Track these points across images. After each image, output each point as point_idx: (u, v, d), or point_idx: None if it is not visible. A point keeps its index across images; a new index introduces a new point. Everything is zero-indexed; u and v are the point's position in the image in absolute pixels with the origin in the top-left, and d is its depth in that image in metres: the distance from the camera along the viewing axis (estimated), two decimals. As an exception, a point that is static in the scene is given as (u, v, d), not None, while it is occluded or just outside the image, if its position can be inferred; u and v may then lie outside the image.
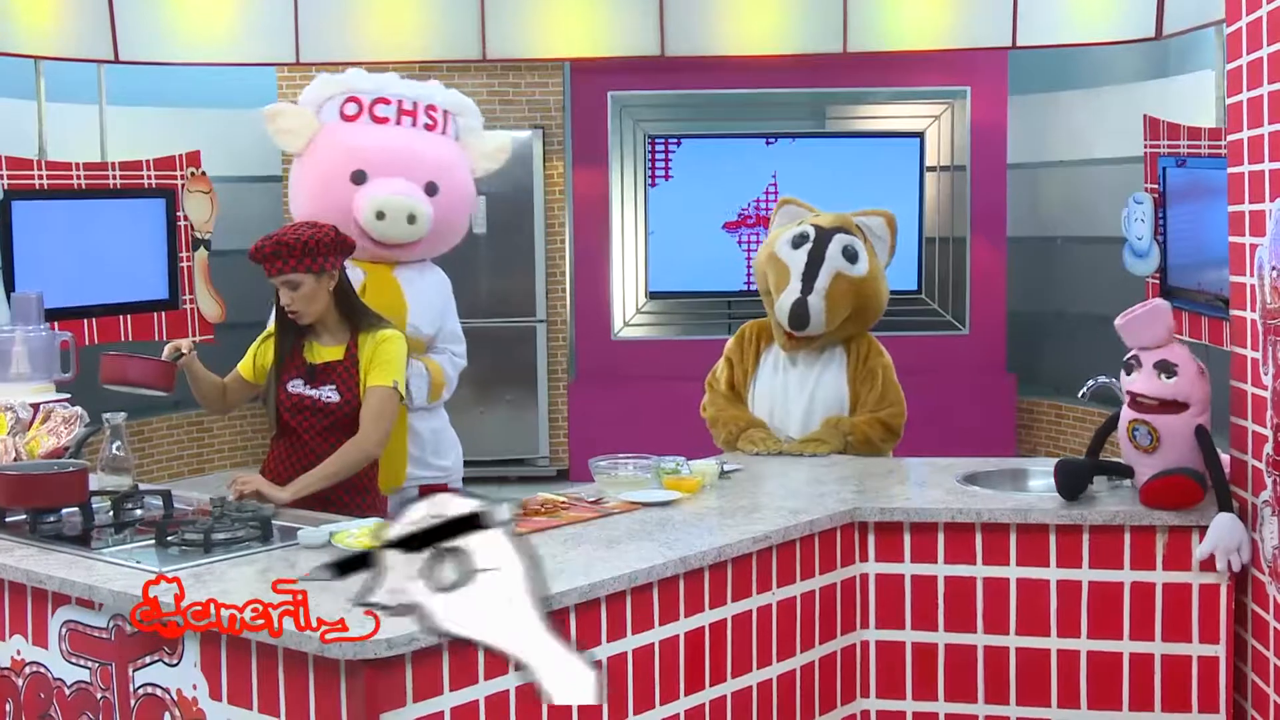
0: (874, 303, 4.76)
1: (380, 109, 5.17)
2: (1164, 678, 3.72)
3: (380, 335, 4.15)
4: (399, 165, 5.11)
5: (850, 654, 3.82)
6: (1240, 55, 3.65)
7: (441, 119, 5.29)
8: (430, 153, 5.23)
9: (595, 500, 3.87)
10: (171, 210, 8.40)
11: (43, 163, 7.75)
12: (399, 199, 5.04)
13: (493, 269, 9.22)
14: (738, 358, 4.81)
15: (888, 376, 4.73)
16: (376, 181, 5.08)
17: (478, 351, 9.12)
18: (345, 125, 5.18)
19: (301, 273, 4.04)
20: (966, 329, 9.40)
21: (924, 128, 9.34)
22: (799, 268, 4.65)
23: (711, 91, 9.29)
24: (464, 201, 5.41)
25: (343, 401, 4.06)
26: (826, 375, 4.70)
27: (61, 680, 3.28)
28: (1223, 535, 3.61)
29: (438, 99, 5.30)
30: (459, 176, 5.33)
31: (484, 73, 9.13)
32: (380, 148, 5.15)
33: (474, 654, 2.86)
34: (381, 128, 5.18)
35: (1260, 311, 3.54)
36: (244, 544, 3.41)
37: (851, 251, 4.70)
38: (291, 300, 4.06)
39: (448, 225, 5.30)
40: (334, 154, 5.17)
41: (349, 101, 5.18)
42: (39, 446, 3.92)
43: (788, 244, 4.74)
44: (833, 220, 4.80)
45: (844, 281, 4.64)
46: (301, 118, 5.21)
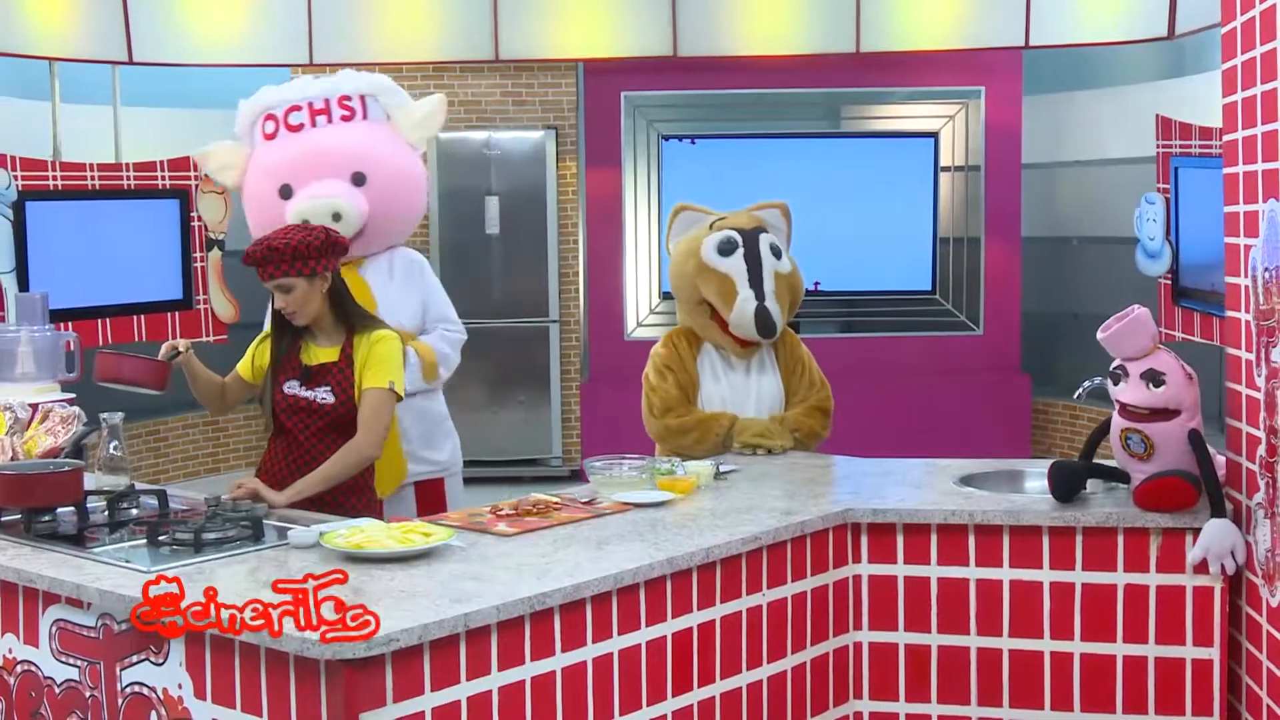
0: (800, 294, 4.91)
1: (293, 117, 5.14)
2: (1158, 680, 3.70)
3: (375, 336, 4.15)
4: (318, 168, 5.05)
5: (843, 655, 3.81)
6: (1235, 55, 3.63)
7: (359, 105, 5.20)
8: (346, 145, 5.13)
9: (589, 501, 3.87)
10: (185, 211, 8.44)
11: (57, 164, 7.80)
12: (317, 202, 4.97)
13: (506, 269, 9.25)
14: (678, 365, 4.77)
15: (811, 363, 4.88)
16: (301, 190, 5.04)
17: (491, 351, 9.25)
18: (266, 145, 5.17)
19: (294, 276, 4.05)
20: (980, 329, 9.38)
21: (938, 128, 9.33)
22: (742, 275, 4.67)
23: (725, 92, 9.29)
24: (403, 183, 5.25)
25: (338, 403, 4.08)
26: (762, 373, 4.79)
27: (52, 679, 3.30)
28: (1214, 540, 3.59)
29: (347, 87, 5.19)
30: (389, 158, 5.20)
31: (497, 73, 9.16)
32: (295, 156, 5.11)
33: (456, 654, 2.87)
34: (297, 136, 5.12)
35: (1254, 313, 3.52)
36: (235, 544, 3.42)
37: (776, 249, 4.82)
38: (286, 304, 4.07)
39: (389, 208, 5.16)
40: (259, 177, 5.17)
41: (266, 119, 5.18)
42: (36, 446, 3.95)
43: (715, 252, 4.74)
44: (748, 221, 4.86)
45: (781, 280, 4.77)
46: (230, 152, 5.24)
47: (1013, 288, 9.35)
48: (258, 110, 5.20)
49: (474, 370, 9.17)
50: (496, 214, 9.18)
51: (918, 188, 9.38)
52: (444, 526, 3.44)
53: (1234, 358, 3.71)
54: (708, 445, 4.64)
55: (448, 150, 9.15)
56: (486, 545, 3.41)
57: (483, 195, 9.16)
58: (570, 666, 3.10)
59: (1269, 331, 3.41)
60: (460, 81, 9.16)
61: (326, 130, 5.13)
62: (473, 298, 9.20)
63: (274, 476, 4.07)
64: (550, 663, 3.06)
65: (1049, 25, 8.32)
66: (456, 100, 9.22)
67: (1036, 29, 8.31)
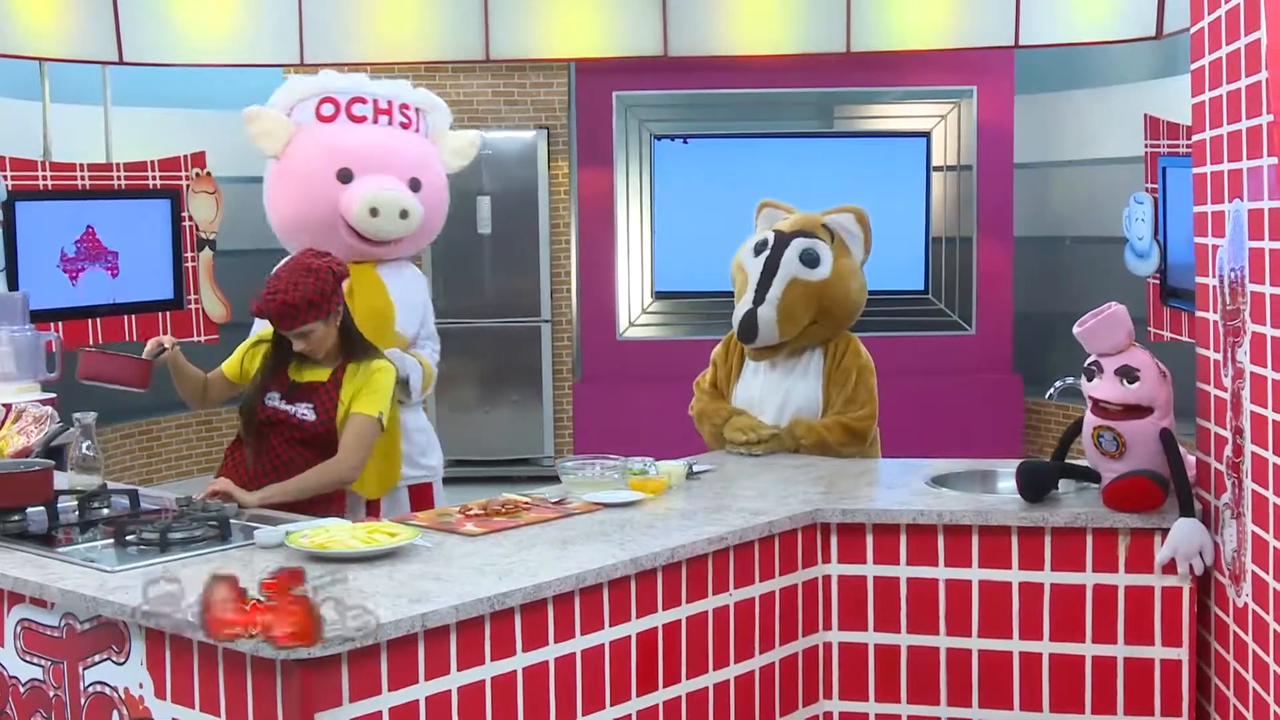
0: (843, 303, 4.68)
1: (357, 108, 5.20)
2: (1126, 681, 3.70)
3: (373, 365, 4.19)
4: (384, 162, 5.14)
5: (812, 655, 3.81)
6: (1203, 55, 3.63)
7: (415, 117, 5.33)
8: (411, 150, 5.27)
9: (559, 501, 3.88)
10: (176, 211, 8.45)
11: (47, 164, 7.81)
12: (392, 194, 5.08)
13: (497, 269, 9.25)
14: (722, 359, 4.81)
15: (861, 379, 4.65)
16: (365, 179, 5.10)
17: (483, 351, 9.26)
18: (323, 126, 5.20)
19: (312, 322, 4.08)
20: (973, 329, 9.37)
21: (930, 127, 9.32)
22: (755, 277, 4.64)
23: (717, 91, 9.29)
24: (442, 198, 5.46)
25: (317, 421, 4.10)
26: (803, 378, 4.68)
27: (17, 678, 3.31)
28: (1182, 540, 3.59)
29: (409, 97, 5.34)
30: (436, 173, 5.38)
31: (489, 73, 9.17)
32: (364, 145, 5.18)
33: (414, 654, 2.88)
34: (360, 126, 5.20)
35: (1220, 313, 3.52)
36: (201, 543, 3.43)
37: (811, 255, 4.64)
38: (305, 346, 4.12)
39: (430, 221, 5.36)
40: (317, 154, 5.19)
41: (325, 102, 5.21)
42: (8, 446, 3.96)
43: (751, 250, 4.74)
44: (795, 223, 4.76)
45: (800, 287, 4.59)
46: (278, 120, 5.23)
47: (1005, 287, 9.34)
48: (317, 90, 5.24)
49: (466, 370, 9.23)
50: (488, 214, 9.18)
51: (910, 187, 9.37)
52: (410, 526, 3.45)
53: (1203, 358, 3.70)
54: (709, 434, 4.69)
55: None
56: (452, 545, 3.42)
57: (475, 195, 9.16)
58: (531, 666, 3.10)
59: (1234, 332, 3.41)
60: (452, 81, 9.16)
61: (392, 131, 5.23)
62: (465, 298, 9.24)
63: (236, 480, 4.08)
64: (511, 662, 3.06)
65: (1038, 25, 8.31)
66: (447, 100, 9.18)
67: (1026, 29, 8.31)
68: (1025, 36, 8.33)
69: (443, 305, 9.14)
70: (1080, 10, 8.30)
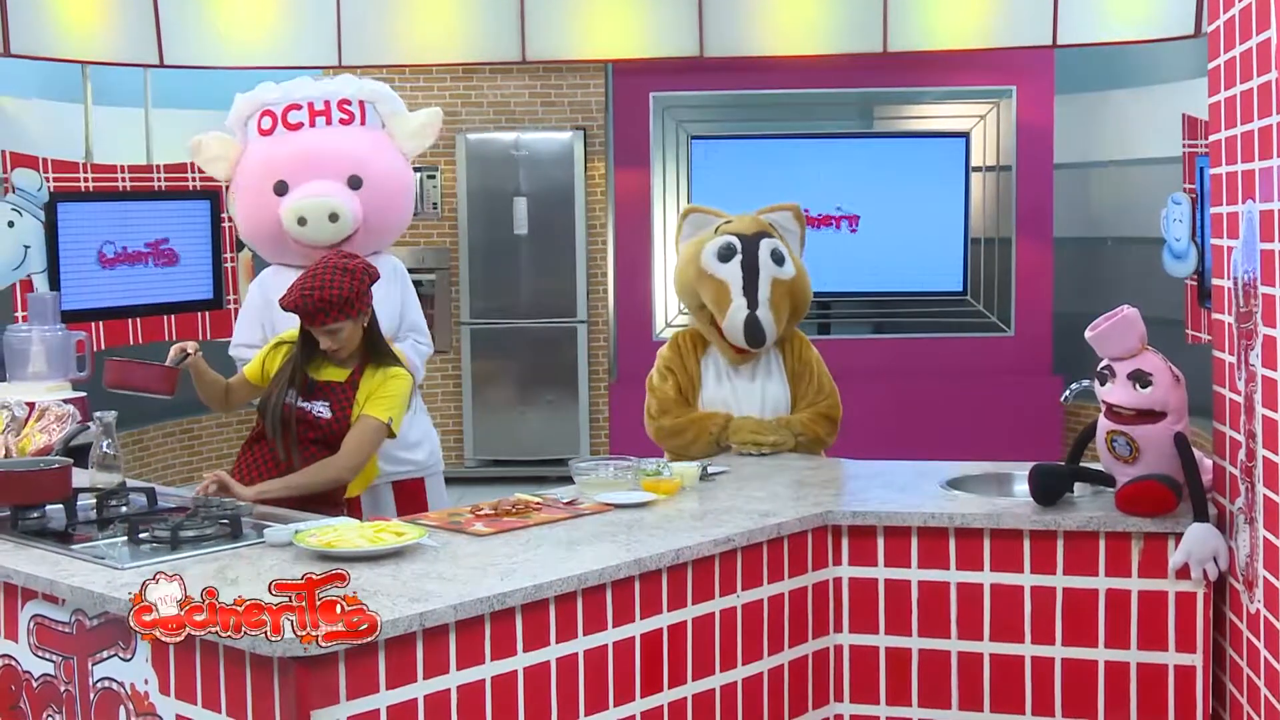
0: (805, 299, 4.83)
1: (292, 115, 5.19)
2: (1140, 687, 3.67)
3: (390, 371, 4.23)
4: (316, 167, 5.11)
5: (823, 658, 3.80)
6: (1219, 54, 3.59)
7: (357, 110, 5.26)
8: (345, 147, 5.20)
9: (570, 502, 3.89)
10: (216, 211, 8.52)
11: (88, 165, 7.89)
12: (315, 201, 5.04)
13: (534, 270, 9.28)
14: (679, 367, 4.80)
15: (820, 369, 4.82)
16: (297, 189, 5.09)
17: (519, 352, 9.29)
18: (262, 140, 5.22)
19: (343, 320, 4.13)
20: (1011, 330, 9.31)
21: (969, 127, 9.27)
22: (737, 282, 4.65)
23: (755, 92, 9.28)
24: (394, 187, 5.34)
25: (332, 419, 4.14)
26: (769, 377, 4.76)
27: (30, 673, 3.36)
28: (1196, 545, 3.56)
29: (348, 92, 5.25)
30: (383, 164, 5.28)
31: (526, 74, 9.20)
32: (295, 154, 5.16)
33: (413, 653, 2.89)
34: (295, 134, 5.18)
35: (1234, 315, 3.48)
36: (212, 541, 3.46)
37: (779, 255, 4.74)
38: (331, 343, 4.16)
39: (381, 214, 5.25)
40: (254, 170, 5.22)
41: (263, 115, 5.22)
42: (30, 444, 4.01)
43: (714, 257, 4.73)
44: (751, 225, 4.80)
45: (780, 287, 4.70)
46: (222, 144, 5.28)
47: (1044, 288, 9.28)
48: (255, 105, 5.26)
49: (502, 370, 9.28)
50: (525, 215, 9.21)
51: (949, 188, 9.32)
52: (418, 526, 3.47)
53: (1219, 361, 3.67)
54: (702, 445, 4.65)
55: (476, 151, 9.20)
56: (459, 545, 3.43)
57: (511, 196, 9.19)
58: (532, 666, 3.11)
59: (1247, 335, 3.37)
60: (489, 82, 9.20)
61: (325, 132, 5.19)
62: (501, 298, 9.28)
63: (250, 479, 4.13)
64: (511, 662, 3.07)
65: (1076, 24, 8.24)
66: (485, 101, 9.28)
67: (1064, 28, 8.24)
68: (1063, 36, 8.26)
69: (479, 306, 9.24)
70: (1119, 9, 8.23)
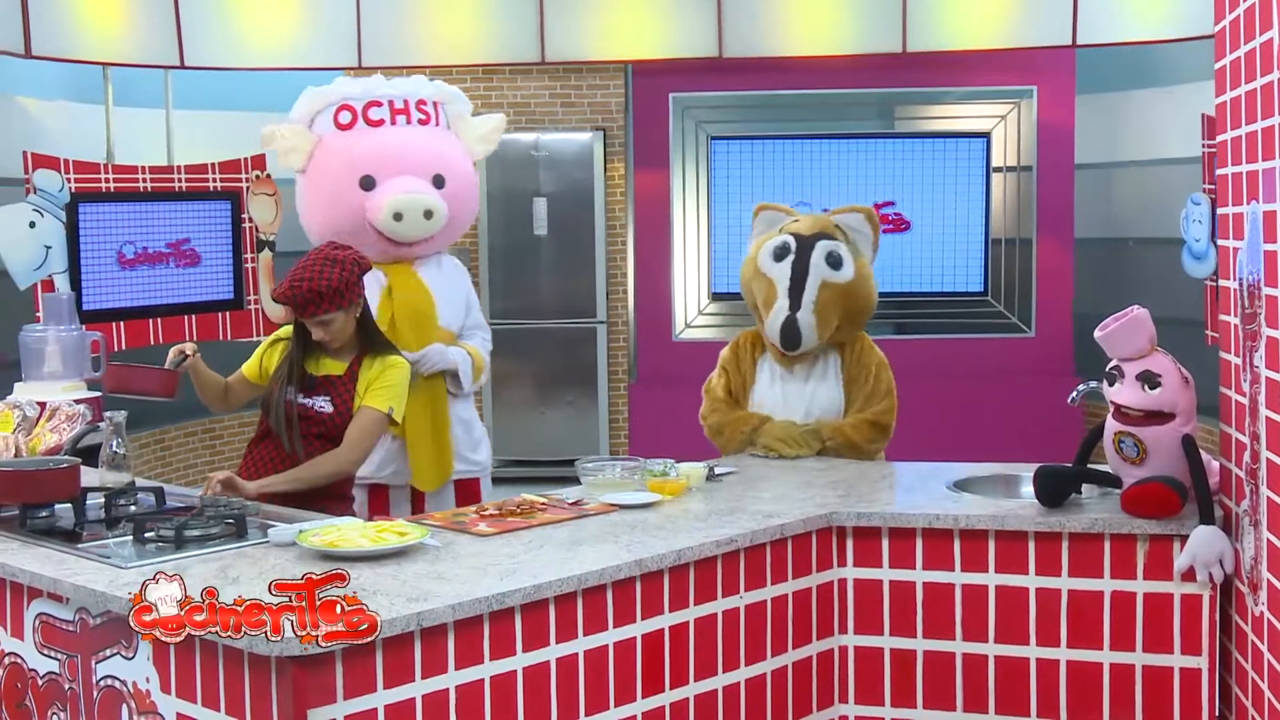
0: (864, 304, 4.71)
1: (373, 112, 5.24)
2: (1145, 689, 3.65)
3: (388, 360, 4.25)
4: (404, 164, 5.18)
5: (828, 659, 3.80)
6: (1225, 55, 3.57)
7: (433, 111, 5.34)
8: (430, 147, 5.29)
9: (575, 502, 3.89)
10: (237, 212, 8.56)
11: (109, 166, 7.93)
12: (413, 197, 5.12)
13: (554, 270, 9.30)
14: (733, 367, 4.80)
15: (880, 374, 4.69)
16: (386, 184, 5.15)
17: (539, 352, 9.31)
18: (342, 134, 5.25)
19: (334, 311, 4.16)
20: (1032, 331, 9.29)
21: (990, 128, 9.24)
22: (784, 282, 4.61)
23: (775, 92, 9.28)
24: (469, 190, 5.47)
25: (335, 413, 4.16)
26: (823, 381, 4.68)
27: (35, 671, 3.38)
28: (1201, 548, 3.54)
29: (425, 93, 5.34)
30: (460, 165, 5.40)
31: (546, 75, 9.22)
32: (383, 150, 5.22)
33: (410, 653, 2.91)
34: (378, 130, 5.24)
35: (1240, 316, 3.46)
36: (216, 541, 3.48)
37: (835, 257, 4.65)
38: (324, 334, 4.19)
39: (458, 215, 5.37)
40: (338, 164, 5.25)
41: (342, 110, 5.26)
42: (40, 444, 4.04)
43: (770, 256, 4.70)
44: (812, 226, 4.74)
45: (830, 290, 4.60)
46: (296, 135, 5.31)
47: (1065, 289, 9.24)
48: (333, 99, 5.30)
49: (522, 370, 9.29)
50: (545, 215, 9.23)
51: (970, 188, 9.30)
52: (421, 526, 3.48)
53: (1226, 362, 3.65)
54: (736, 445, 4.67)
55: (496, 152, 9.08)
56: (461, 545, 3.44)
57: (531, 196, 9.21)
58: (532, 666, 3.12)
59: (1252, 336, 3.35)
60: (509, 83, 9.23)
61: (409, 130, 5.26)
62: (521, 298, 9.29)
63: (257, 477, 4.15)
64: (511, 662, 3.08)
65: (1096, 24, 8.20)
66: (505, 102, 9.29)
67: (1084, 28, 8.20)
68: (1083, 36, 8.22)
69: (499, 306, 9.25)
70: (1139, 9, 8.18)
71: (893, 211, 9.36)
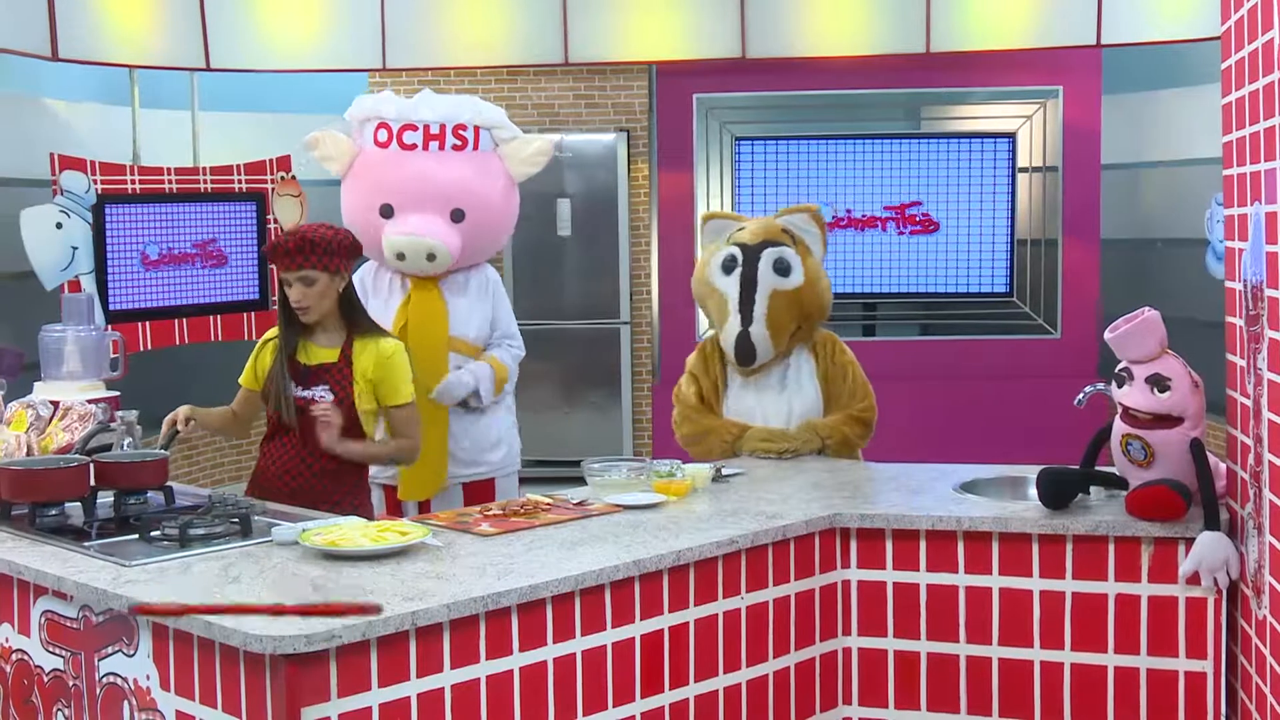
0: (818, 305, 4.73)
1: (407, 135, 5.22)
2: (1150, 693, 3.63)
3: (383, 348, 4.25)
4: (423, 197, 5.15)
5: (831, 660, 3.80)
6: (1230, 55, 3.55)
7: (471, 136, 5.30)
8: (455, 179, 5.23)
9: (580, 503, 3.90)
10: (262, 213, 8.62)
11: (135, 168, 8.00)
12: (415, 241, 5.09)
13: (577, 271, 9.31)
14: (702, 372, 4.79)
15: (855, 372, 4.74)
16: (401, 217, 5.16)
17: (562, 353, 9.32)
18: (377, 153, 5.25)
19: (319, 270, 4.17)
20: (1058, 333, 9.23)
21: (1016, 128, 9.20)
22: (734, 297, 4.62)
23: (800, 93, 9.25)
24: (495, 218, 5.41)
25: (336, 401, 4.16)
26: (799, 383, 4.71)
27: (40, 668, 3.42)
28: (1206, 554, 3.52)
29: (464, 117, 5.27)
30: (487, 196, 5.31)
31: (570, 76, 9.23)
32: (405, 183, 5.21)
33: (405, 652, 2.92)
34: (408, 156, 5.21)
35: (1244, 318, 3.44)
36: (221, 539, 3.51)
37: (783, 264, 4.66)
38: (303, 296, 4.18)
39: (478, 243, 5.33)
40: (366, 186, 5.28)
41: (380, 128, 5.26)
42: (52, 443, 4.07)
43: (719, 269, 4.71)
44: (756, 233, 4.73)
45: (781, 298, 4.62)
46: (339, 144, 5.33)
47: (1091, 290, 9.18)
48: (375, 115, 5.29)
49: (545, 371, 9.29)
50: (568, 216, 9.24)
51: (995, 189, 9.26)
52: (423, 526, 3.50)
53: (1231, 364, 3.63)
54: (719, 452, 4.65)
55: (519, 152, 9.22)
56: (462, 545, 3.46)
57: (554, 198, 9.22)
58: (529, 666, 3.13)
59: (1255, 338, 3.33)
60: (533, 84, 9.24)
61: (437, 159, 5.20)
62: (544, 299, 9.31)
63: (274, 478, 4.19)
64: (507, 662, 3.09)
65: (1121, 23, 8.14)
66: (529, 103, 9.32)
67: (1108, 27, 8.15)
68: (1107, 35, 8.16)
69: (523, 307, 9.25)
70: (1164, 7, 8.12)
71: (920, 212, 9.34)
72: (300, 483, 4.17)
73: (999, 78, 9.13)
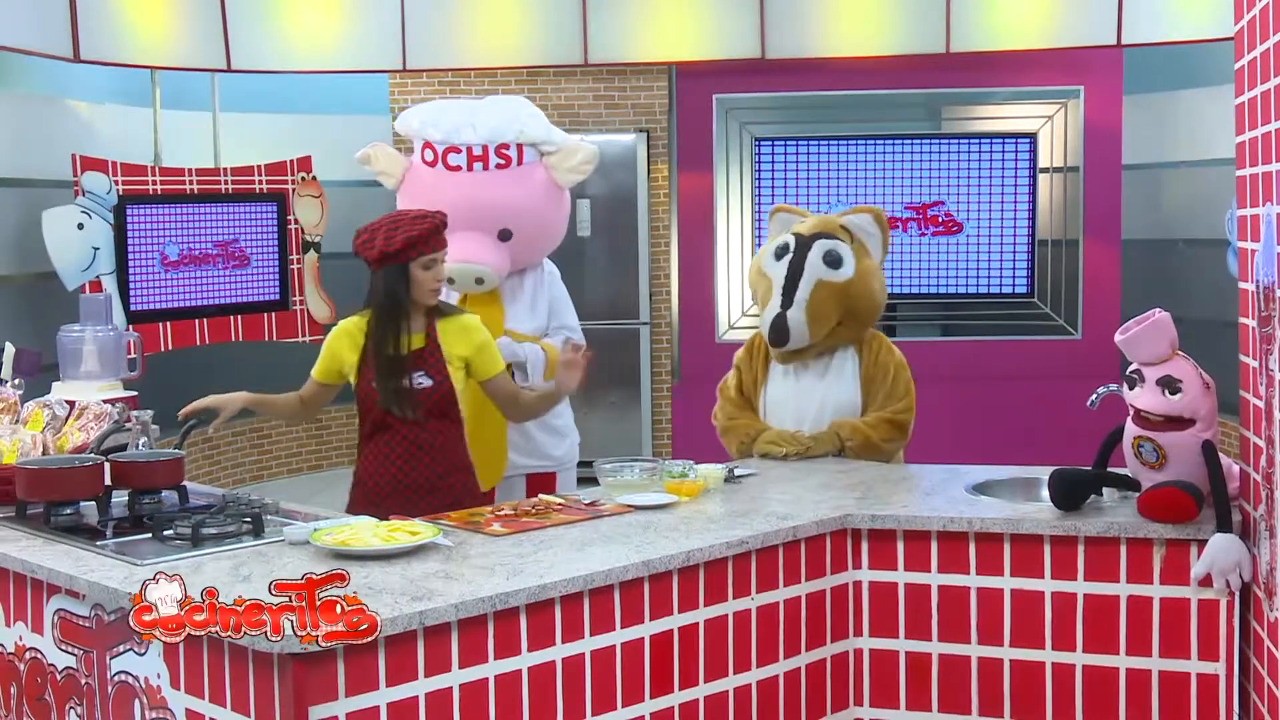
0: (867, 303, 4.71)
1: (452, 158, 5.21)
2: (1162, 695, 3.62)
3: (466, 323, 4.35)
4: (470, 220, 5.11)
5: (842, 661, 3.79)
6: (1243, 55, 3.54)
7: (514, 154, 5.29)
8: (499, 201, 5.21)
9: (592, 503, 3.91)
10: (283, 214, 8.66)
11: (156, 168, 8.05)
12: (463, 268, 5.07)
13: (597, 271, 9.31)
14: (746, 365, 4.81)
15: (899, 374, 4.68)
16: (449, 240, 5.18)
17: (582, 353, 9.31)
18: (425, 171, 5.28)
19: (442, 249, 4.32)
20: (1078, 334, 9.20)
21: (1037, 128, 9.17)
22: (779, 281, 4.64)
23: (820, 93, 9.24)
24: (544, 229, 5.46)
25: (434, 385, 4.21)
26: (839, 379, 4.68)
27: (54, 666, 3.44)
28: (1218, 556, 3.50)
29: (508, 136, 5.23)
30: (535, 211, 5.33)
31: (589, 76, 9.23)
32: (451, 205, 5.12)
33: (413, 651, 2.93)
34: (452, 179, 5.19)
35: (1256, 319, 3.43)
36: (233, 538, 3.53)
37: (834, 256, 4.66)
38: (434, 279, 4.29)
39: (526, 255, 5.37)
40: (418, 203, 5.29)
41: (426, 147, 5.28)
42: (68, 442, 4.10)
43: (772, 256, 4.74)
44: (814, 226, 4.76)
45: (826, 289, 4.62)
46: (389, 160, 5.38)
47: (1112, 291, 9.14)
48: (420, 135, 5.31)
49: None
50: (588, 216, 9.24)
51: (1015, 189, 9.23)
52: (433, 525, 3.51)
53: (1245, 365, 3.61)
54: (737, 450, 4.68)
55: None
56: (472, 545, 3.47)
57: (574, 198, 9.16)
58: (537, 666, 3.14)
59: (1267, 339, 3.32)
60: (553, 85, 9.25)
61: (482, 181, 5.19)
62: (564, 299, 9.31)
63: (379, 476, 4.24)
64: (516, 661, 3.10)
65: (1141, 23, 8.13)
66: (549, 104, 9.32)
67: (1129, 27, 8.13)
68: (1128, 35, 8.15)
69: (543, 307, 9.27)
70: (1185, 7, 8.10)
71: (942, 212, 9.32)
72: (415, 476, 4.24)
73: (1020, 78, 9.10)
